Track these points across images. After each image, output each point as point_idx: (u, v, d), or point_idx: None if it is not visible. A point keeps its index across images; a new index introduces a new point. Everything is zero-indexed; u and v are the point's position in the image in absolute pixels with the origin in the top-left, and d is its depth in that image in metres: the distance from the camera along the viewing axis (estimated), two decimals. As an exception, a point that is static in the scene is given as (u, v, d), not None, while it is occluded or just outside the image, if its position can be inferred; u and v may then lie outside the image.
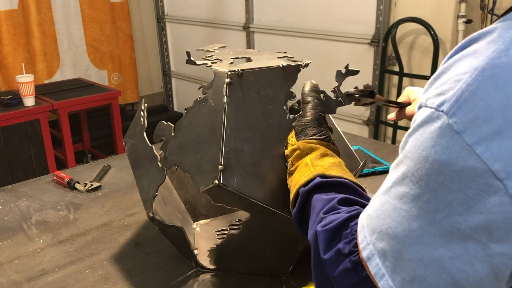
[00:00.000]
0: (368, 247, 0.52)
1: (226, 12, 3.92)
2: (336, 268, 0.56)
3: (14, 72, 3.55)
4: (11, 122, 2.89)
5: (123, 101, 4.25)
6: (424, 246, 0.46)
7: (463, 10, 2.51)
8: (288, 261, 0.99)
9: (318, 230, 0.60)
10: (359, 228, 0.55)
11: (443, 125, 0.43)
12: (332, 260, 0.57)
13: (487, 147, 0.41)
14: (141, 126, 1.01)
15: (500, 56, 0.42)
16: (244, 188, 0.82)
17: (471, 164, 0.42)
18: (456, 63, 0.46)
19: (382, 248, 0.50)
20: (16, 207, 1.32)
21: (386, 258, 0.50)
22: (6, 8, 3.55)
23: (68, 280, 1.01)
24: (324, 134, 0.81)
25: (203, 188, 0.83)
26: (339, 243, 0.57)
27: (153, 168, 0.94)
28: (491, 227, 0.42)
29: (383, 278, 0.50)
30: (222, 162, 0.81)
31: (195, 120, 0.89)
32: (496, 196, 0.41)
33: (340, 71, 0.90)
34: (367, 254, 0.52)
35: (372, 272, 0.51)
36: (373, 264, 0.51)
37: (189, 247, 0.98)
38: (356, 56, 3.08)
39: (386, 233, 0.49)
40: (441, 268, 0.45)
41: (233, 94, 0.85)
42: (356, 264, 0.54)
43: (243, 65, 0.90)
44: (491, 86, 0.42)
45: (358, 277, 0.54)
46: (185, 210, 1.21)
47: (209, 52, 1.06)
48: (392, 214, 0.49)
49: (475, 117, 0.42)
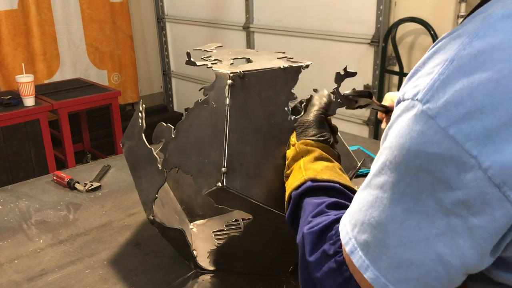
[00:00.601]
0: (350, 242, 0.53)
1: (226, 12, 3.92)
2: (321, 269, 0.57)
3: (14, 72, 3.55)
4: (11, 122, 2.89)
5: (123, 101, 4.25)
6: (409, 230, 0.48)
7: (463, 10, 2.50)
8: (288, 261, 0.99)
9: (305, 232, 0.62)
10: (341, 226, 0.56)
11: (418, 112, 0.47)
12: (318, 262, 0.58)
13: (459, 129, 0.44)
14: (140, 128, 1.00)
15: (465, 47, 0.46)
16: (247, 190, 0.82)
17: (445, 145, 0.45)
18: (428, 60, 0.50)
19: (365, 239, 0.52)
20: (16, 207, 1.32)
21: (369, 249, 0.51)
22: (6, 8, 3.54)
23: (68, 280, 1.00)
24: (323, 136, 0.81)
25: (206, 191, 0.82)
26: (325, 245, 0.58)
27: (153, 170, 0.93)
28: (469, 201, 0.45)
29: (368, 269, 0.51)
30: (225, 165, 0.81)
31: (196, 122, 0.88)
32: (471, 172, 0.44)
33: (339, 72, 0.90)
34: (349, 249, 0.53)
35: (357, 265, 0.52)
36: (357, 257, 0.52)
37: (189, 249, 0.98)
38: (356, 56, 3.08)
39: (369, 224, 0.51)
40: (427, 248, 0.48)
41: (235, 96, 0.85)
42: (340, 264, 0.56)
43: (244, 66, 0.90)
44: (459, 74, 0.46)
45: (343, 277, 0.55)
46: (181, 210, 1.21)
47: (207, 52, 1.05)
48: (374, 204, 0.51)
49: (446, 102, 0.45)
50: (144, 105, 1.02)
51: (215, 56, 1.00)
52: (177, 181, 1.22)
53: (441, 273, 0.48)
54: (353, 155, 1.06)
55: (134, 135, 1.02)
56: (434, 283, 0.49)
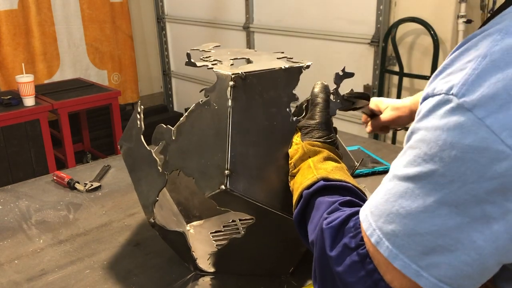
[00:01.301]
0: (375, 233, 0.54)
1: (226, 12, 3.92)
2: (343, 263, 0.57)
3: (14, 72, 3.55)
4: (11, 122, 2.89)
5: (123, 101, 4.25)
6: (441, 217, 0.49)
7: (463, 10, 2.50)
8: (290, 262, 0.99)
9: (324, 227, 0.61)
10: (362, 218, 0.57)
11: (454, 105, 0.48)
12: (339, 256, 0.58)
13: (495, 119, 0.46)
14: (138, 129, 0.98)
15: (497, 43, 0.49)
16: (250, 192, 0.81)
17: (481, 135, 0.47)
18: (458, 58, 0.52)
19: (392, 229, 0.52)
20: (16, 207, 1.32)
21: (397, 238, 0.52)
22: (6, 8, 3.55)
23: (68, 280, 1.00)
24: (330, 137, 0.81)
25: (208, 194, 0.81)
26: (344, 238, 0.59)
27: (153, 173, 0.92)
28: (505, 189, 0.47)
29: (397, 258, 0.52)
30: (228, 167, 0.80)
31: (197, 123, 0.87)
32: (506, 161, 0.46)
33: (338, 73, 0.91)
34: (375, 240, 0.54)
35: (384, 254, 0.53)
36: (383, 247, 0.53)
37: (190, 251, 0.97)
38: (356, 56, 3.08)
39: (397, 214, 0.52)
40: (460, 233, 0.49)
41: (237, 97, 0.84)
42: (363, 257, 0.56)
43: (245, 67, 0.89)
44: (493, 68, 0.48)
45: (365, 270, 0.55)
46: (178, 212, 1.20)
47: (205, 52, 1.04)
48: (404, 195, 0.52)
49: (482, 95, 0.47)
50: (142, 106, 1.01)
51: (214, 56, 0.99)
52: (174, 183, 1.21)
53: (473, 258, 0.49)
54: (350, 155, 1.06)
55: (132, 136, 1.01)
56: (466, 268, 0.50)
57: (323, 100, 0.85)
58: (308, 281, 0.99)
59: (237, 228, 1.19)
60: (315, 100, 0.85)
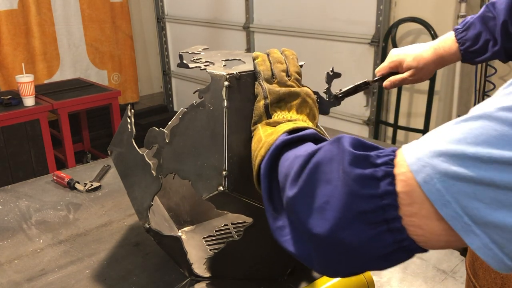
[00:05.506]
0: (424, 170, 0.44)
1: (226, 12, 3.92)
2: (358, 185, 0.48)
3: (14, 72, 3.55)
4: (11, 122, 2.89)
5: (123, 101, 4.25)
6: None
7: (463, 10, 2.51)
8: (287, 264, 0.99)
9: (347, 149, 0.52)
10: (406, 152, 0.47)
11: None
12: (360, 176, 0.49)
13: None
14: (129, 133, 0.97)
15: None
16: (248, 193, 0.81)
17: None
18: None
19: (456, 172, 0.42)
20: (16, 207, 1.32)
21: (460, 183, 0.42)
22: (6, 8, 3.55)
23: (68, 280, 1.00)
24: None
25: (206, 196, 0.80)
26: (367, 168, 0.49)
27: (147, 177, 0.90)
28: None
29: (448, 206, 0.43)
30: (226, 168, 0.79)
31: (192, 125, 0.86)
32: None
33: (328, 73, 0.95)
34: (423, 178, 0.44)
35: (431, 197, 0.44)
36: (432, 189, 0.44)
37: (185, 256, 0.96)
38: (356, 56, 3.08)
39: (475, 159, 0.42)
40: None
41: (232, 98, 0.83)
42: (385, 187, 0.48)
43: (239, 67, 0.88)
44: None
45: (381, 198, 0.47)
46: (169, 217, 1.19)
47: (195, 55, 1.03)
48: (495, 139, 0.41)
49: None
50: (133, 110, 0.99)
51: (204, 58, 0.98)
52: (163, 188, 1.18)
53: None
54: None
55: (123, 141, 0.98)
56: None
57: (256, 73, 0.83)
58: (307, 282, 0.99)
59: (230, 232, 1.17)
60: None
